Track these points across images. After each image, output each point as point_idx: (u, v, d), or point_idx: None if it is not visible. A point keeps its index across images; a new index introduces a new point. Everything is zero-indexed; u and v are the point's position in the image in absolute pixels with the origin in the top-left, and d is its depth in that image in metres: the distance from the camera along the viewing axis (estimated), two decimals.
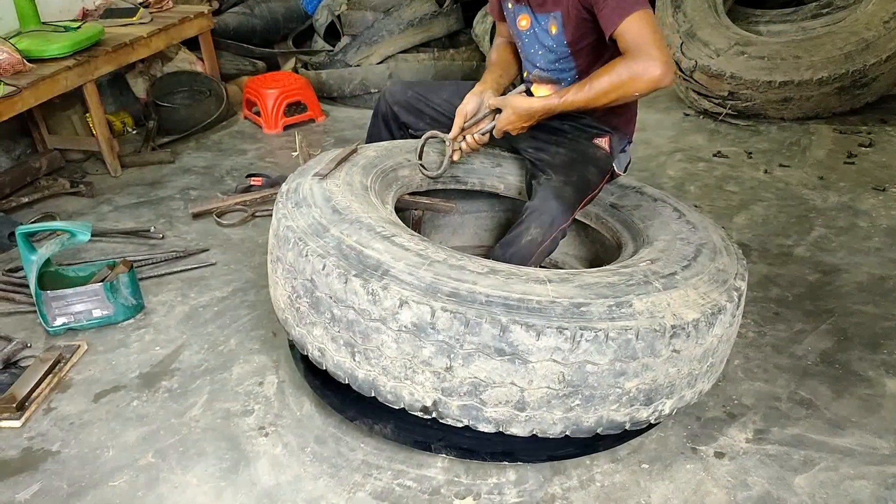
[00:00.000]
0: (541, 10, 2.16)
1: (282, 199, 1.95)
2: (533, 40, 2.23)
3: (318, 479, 1.85)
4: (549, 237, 2.02)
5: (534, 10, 2.18)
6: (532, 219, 2.02)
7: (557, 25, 2.13)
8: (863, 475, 1.85)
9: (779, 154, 3.82)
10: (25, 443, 1.99)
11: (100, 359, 2.32)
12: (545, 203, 2.02)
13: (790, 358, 2.28)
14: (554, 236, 2.03)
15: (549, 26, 2.15)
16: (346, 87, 4.58)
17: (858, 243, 2.93)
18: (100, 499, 1.80)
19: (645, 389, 1.62)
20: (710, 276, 1.78)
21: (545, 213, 2.01)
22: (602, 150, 2.25)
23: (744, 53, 4.17)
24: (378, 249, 1.67)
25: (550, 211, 2.01)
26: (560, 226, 2.03)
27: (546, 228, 2.00)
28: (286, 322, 1.87)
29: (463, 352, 1.54)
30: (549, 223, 2.00)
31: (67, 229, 2.36)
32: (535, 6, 2.17)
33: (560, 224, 2.02)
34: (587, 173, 2.16)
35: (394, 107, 2.49)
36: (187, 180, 3.64)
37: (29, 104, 3.13)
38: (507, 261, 1.97)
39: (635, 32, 1.91)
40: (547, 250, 2.05)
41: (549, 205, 2.02)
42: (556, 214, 2.01)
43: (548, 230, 2.01)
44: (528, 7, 2.19)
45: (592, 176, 2.18)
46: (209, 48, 4.45)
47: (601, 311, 1.57)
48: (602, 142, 2.26)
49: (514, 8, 2.24)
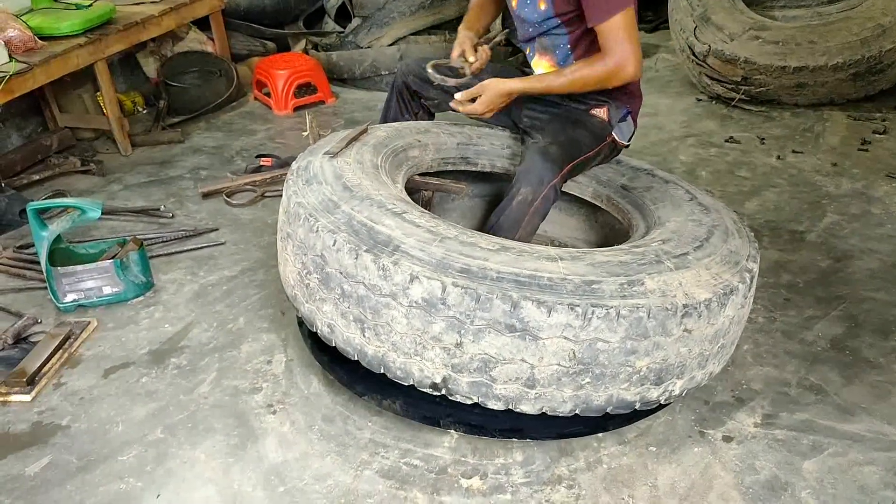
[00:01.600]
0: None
1: (292, 176, 1.94)
2: (525, 14, 2.24)
3: (325, 457, 1.85)
4: (540, 195, 2.03)
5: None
6: (521, 180, 2.04)
7: (546, 2, 2.15)
8: (871, 461, 1.84)
9: (792, 140, 3.78)
10: (35, 417, 2.00)
11: (109, 335, 2.33)
12: (531, 163, 2.05)
13: (800, 344, 2.26)
14: (545, 194, 2.03)
15: (537, 3, 2.17)
16: (356, 68, 4.56)
17: (871, 230, 2.90)
18: (109, 472, 1.81)
19: (656, 369, 1.62)
20: (722, 257, 1.77)
21: (532, 171, 2.03)
22: (597, 118, 2.26)
23: (758, 38, 4.13)
24: (389, 225, 1.66)
25: (537, 169, 2.03)
26: (549, 183, 2.03)
27: (535, 187, 2.02)
28: (295, 298, 1.86)
29: (473, 328, 1.53)
30: (537, 181, 2.02)
31: (78, 206, 2.37)
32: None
33: (548, 181, 2.03)
34: (577, 135, 2.18)
35: (406, 78, 2.51)
36: (197, 160, 3.63)
37: (40, 82, 3.13)
38: (500, 225, 2.02)
39: (616, 32, 2.03)
40: (540, 211, 2.05)
41: (536, 163, 2.04)
42: (542, 172, 2.02)
43: (537, 188, 2.02)
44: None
45: (584, 138, 2.19)
46: (220, 28, 4.44)
47: (613, 289, 1.56)
48: (599, 111, 2.27)
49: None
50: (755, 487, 1.76)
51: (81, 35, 3.35)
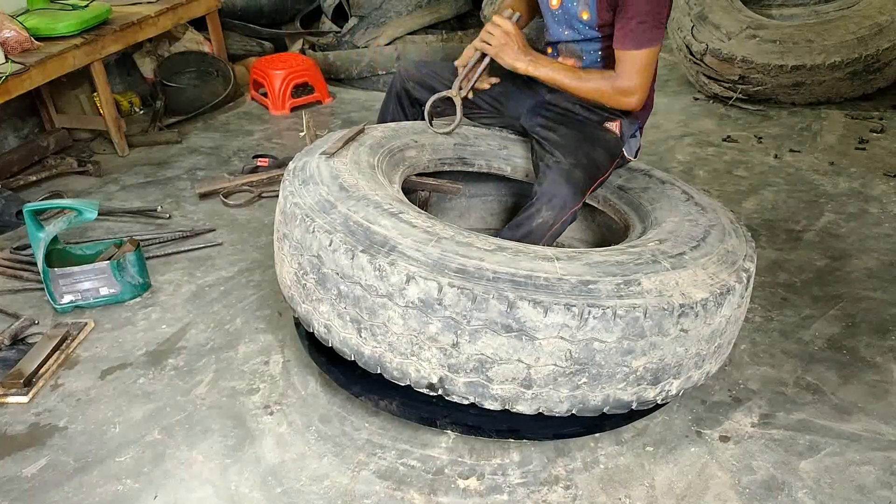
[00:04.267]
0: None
1: (289, 176, 1.94)
2: (562, 20, 2.22)
3: (322, 458, 1.85)
4: (560, 220, 2.02)
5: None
6: (543, 202, 2.01)
7: (590, 12, 2.12)
8: (868, 461, 1.84)
9: (789, 139, 3.78)
10: (32, 418, 2.00)
11: (107, 336, 2.32)
12: (556, 186, 2.02)
13: (797, 343, 2.27)
14: (565, 219, 2.03)
15: (579, 12, 2.15)
16: (353, 68, 4.56)
17: (868, 229, 2.90)
18: (106, 474, 1.81)
19: (652, 368, 1.62)
20: (718, 256, 1.77)
21: (556, 196, 2.01)
22: (612, 134, 2.24)
23: (755, 37, 4.13)
24: (385, 226, 1.66)
25: (562, 195, 2.01)
26: (571, 209, 2.02)
27: (557, 212, 2.00)
28: (292, 299, 1.86)
29: (470, 328, 1.53)
30: (560, 206, 2.00)
31: (75, 207, 2.37)
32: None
33: (571, 207, 2.02)
34: (596, 156, 2.15)
35: (407, 83, 2.47)
36: (194, 160, 3.63)
37: (37, 82, 3.13)
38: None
39: (638, 63, 2.07)
40: (557, 233, 2.05)
41: (561, 189, 2.01)
42: (567, 198, 2.01)
43: (559, 213, 2.01)
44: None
45: (601, 158, 2.16)
46: (216, 28, 4.43)
47: (609, 289, 1.56)
48: (612, 126, 2.24)
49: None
50: (752, 487, 1.76)
51: (78, 35, 3.35)
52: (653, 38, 2.04)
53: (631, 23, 2.01)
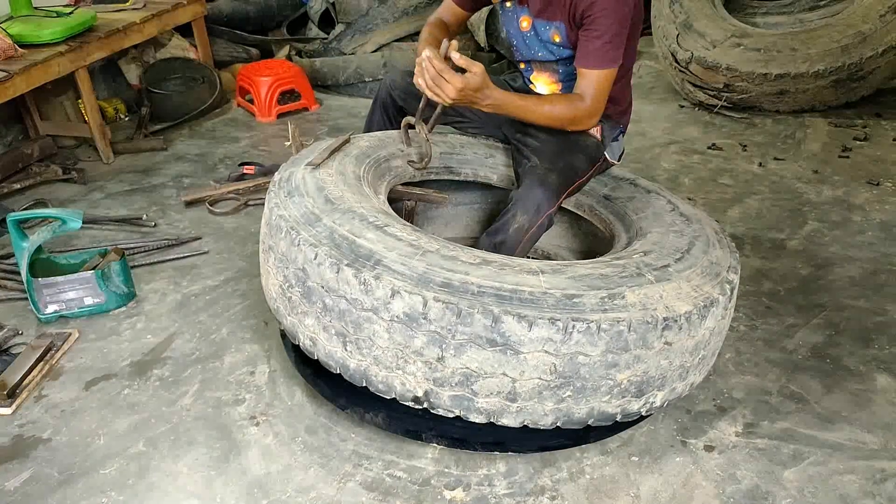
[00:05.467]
0: (541, 18, 2.17)
1: (274, 188, 1.94)
2: (534, 41, 2.24)
3: (308, 469, 1.85)
4: (536, 224, 2.03)
5: (534, 16, 2.18)
6: (518, 206, 2.03)
7: (561, 35, 2.15)
8: (852, 469, 1.85)
9: (773, 147, 3.82)
10: (16, 430, 1.98)
11: (91, 347, 2.31)
12: (530, 190, 2.04)
13: (781, 352, 2.28)
14: (540, 222, 2.04)
15: (550, 35, 2.17)
16: (340, 75, 4.56)
17: (852, 237, 2.93)
18: (91, 486, 1.80)
19: (636, 381, 1.63)
20: (702, 268, 1.78)
21: (530, 199, 2.02)
22: (592, 138, 2.26)
23: (740, 45, 4.16)
24: (370, 239, 1.66)
25: (535, 198, 2.02)
26: (546, 212, 2.03)
27: (532, 215, 2.01)
28: (278, 311, 1.86)
29: (455, 342, 1.53)
30: (534, 210, 2.01)
31: (59, 216, 2.35)
32: (536, 13, 2.18)
33: (546, 210, 2.03)
34: (574, 160, 2.17)
35: (392, 92, 2.47)
36: (180, 168, 3.62)
37: (21, 90, 3.11)
38: (494, 249, 1.98)
39: (595, 84, 2.10)
40: (534, 237, 2.06)
41: (534, 192, 2.03)
42: (541, 201, 2.02)
43: (534, 217, 2.02)
44: (528, 10, 2.19)
45: (580, 163, 2.18)
46: (202, 35, 4.43)
47: (593, 303, 1.57)
48: (593, 130, 2.26)
49: (515, 8, 2.24)
50: (736, 497, 1.77)
51: (62, 43, 3.33)
52: (615, 59, 2.09)
53: (597, 42, 2.05)
